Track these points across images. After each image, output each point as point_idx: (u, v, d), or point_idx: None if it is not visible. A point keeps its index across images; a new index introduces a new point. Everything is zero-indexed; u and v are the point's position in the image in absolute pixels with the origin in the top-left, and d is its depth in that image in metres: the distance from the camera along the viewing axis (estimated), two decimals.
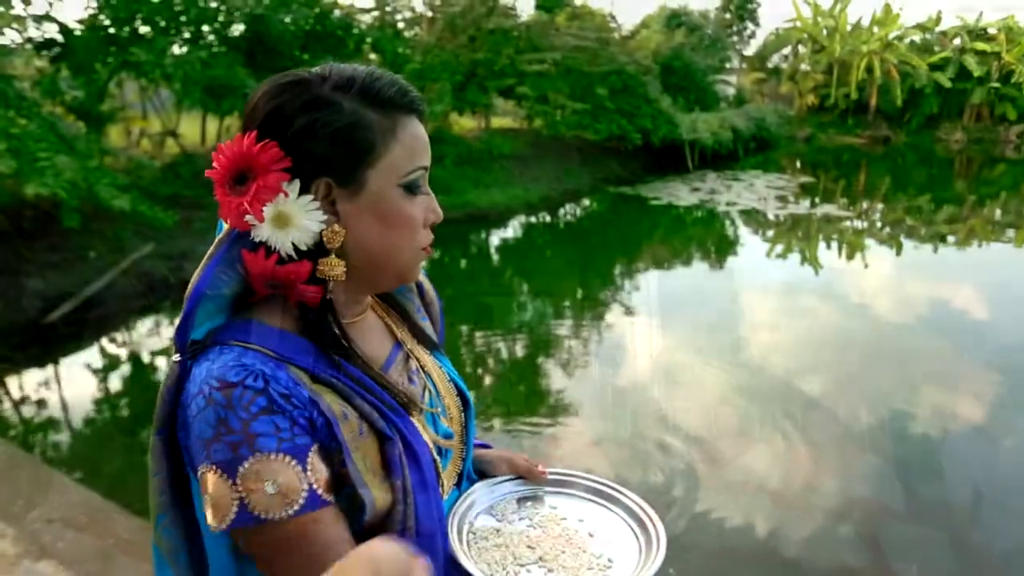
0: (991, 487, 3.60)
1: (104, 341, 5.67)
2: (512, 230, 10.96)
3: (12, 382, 4.81)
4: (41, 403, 4.51)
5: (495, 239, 10.40)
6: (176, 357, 0.70)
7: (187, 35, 8.63)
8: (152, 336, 5.92)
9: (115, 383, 4.97)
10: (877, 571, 2.96)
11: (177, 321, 0.69)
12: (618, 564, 0.81)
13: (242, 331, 0.71)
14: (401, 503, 0.71)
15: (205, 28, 8.76)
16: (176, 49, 8.33)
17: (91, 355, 5.42)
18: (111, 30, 7.93)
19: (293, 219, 0.70)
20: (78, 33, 7.63)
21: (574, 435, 4.12)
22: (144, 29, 8.18)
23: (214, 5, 8.60)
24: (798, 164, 21.62)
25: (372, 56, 12.08)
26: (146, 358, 5.45)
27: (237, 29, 9.02)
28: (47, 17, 7.22)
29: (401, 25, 12.96)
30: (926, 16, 29.60)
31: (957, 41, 28.85)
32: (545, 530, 0.86)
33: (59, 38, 7.49)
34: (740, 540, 3.14)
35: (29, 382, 4.84)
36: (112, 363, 5.33)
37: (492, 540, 0.84)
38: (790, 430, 4.11)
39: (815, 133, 28.22)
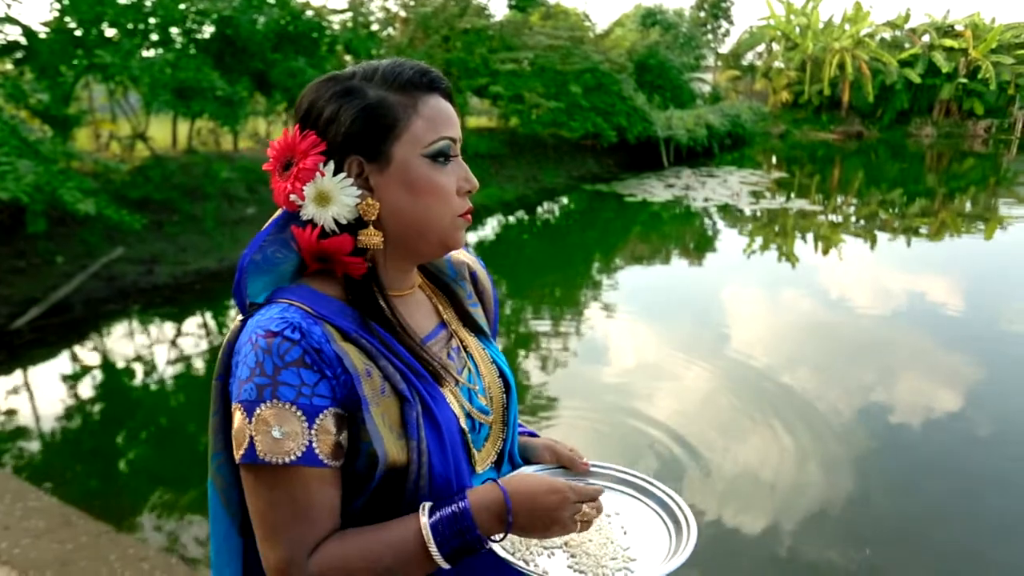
0: (968, 477, 3.64)
1: (71, 346, 5.59)
2: (490, 229, 10.96)
3: None
4: (5, 410, 4.45)
5: (472, 237, 10.39)
6: (239, 317, 0.81)
7: (155, 37, 8.53)
8: (120, 340, 5.85)
9: (81, 388, 4.90)
10: (858, 564, 2.97)
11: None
12: (643, 559, 0.82)
13: (291, 292, 0.80)
14: (415, 463, 0.76)
15: (174, 30, 8.67)
16: (145, 52, 8.24)
17: (57, 361, 5.34)
18: (77, 32, 7.81)
19: (332, 196, 0.78)
20: (43, 35, 7.50)
21: (556, 432, 4.12)
22: (111, 32, 8.07)
23: (183, 7, 8.51)
24: (773, 160, 21.87)
25: (346, 57, 12.03)
26: (114, 363, 5.39)
27: (207, 31, 8.93)
28: (9, 19, 7.10)
29: (376, 26, 12.91)
30: (896, 13, 30.06)
31: (926, 38, 29.36)
32: None
33: (22, 40, 7.36)
34: (723, 534, 3.15)
35: None
36: (78, 368, 5.25)
37: None
38: (774, 424, 4.14)
39: (789, 129, 28.58)
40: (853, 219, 12.33)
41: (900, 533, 3.19)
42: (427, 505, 0.75)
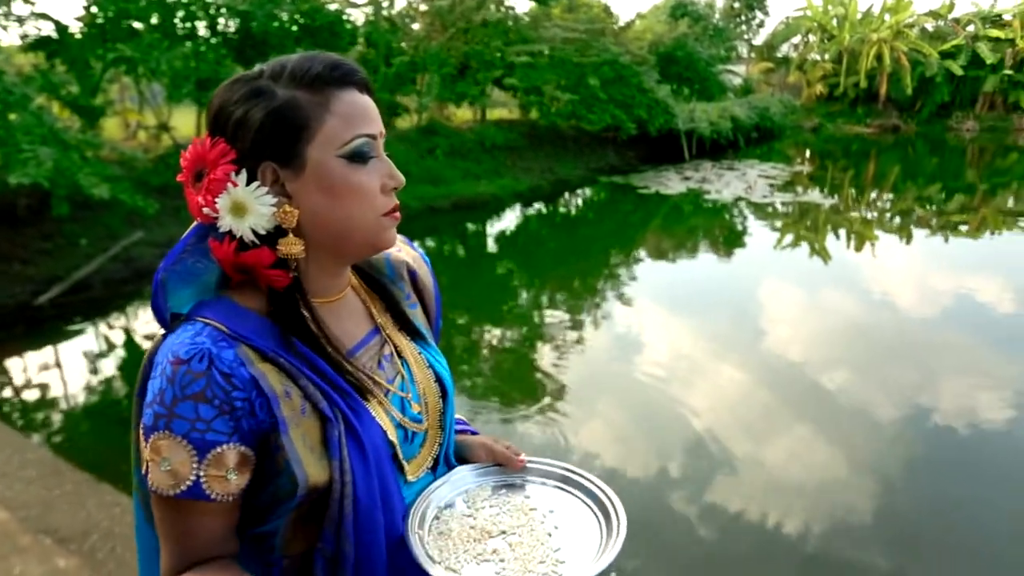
0: (1017, 484, 3.54)
1: (87, 322, 6.01)
2: (510, 219, 11.13)
3: None
4: (20, 377, 4.85)
5: (491, 228, 10.59)
6: (161, 331, 0.79)
7: (179, 32, 8.95)
8: (134, 318, 6.25)
9: (94, 360, 5.29)
10: (898, 570, 2.94)
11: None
12: (571, 559, 0.80)
13: (211, 308, 0.76)
14: (339, 482, 0.75)
15: (197, 23, 9.07)
16: (172, 46, 8.66)
17: (74, 335, 5.76)
18: (105, 27, 8.26)
19: (247, 206, 0.74)
20: (73, 30, 7.97)
21: (579, 428, 4.11)
22: (138, 26, 8.51)
23: (209, 0, 8.92)
24: (807, 154, 21.52)
25: (365, 49, 12.33)
26: (126, 338, 5.78)
27: (230, 25, 9.32)
28: (42, 15, 7.55)
29: (396, 19, 13.19)
30: (939, 3, 29.13)
31: (971, 28, 28.41)
32: (511, 518, 0.86)
33: (54, 35, 7.82)
34: (756, 535, 3.15)
35: (13, 359, 5.17)
36: (93, 342, 5.66)
37: (455, 524, 0.84)
38: (807, 423, 4.09)
39: (823, 123, 28.02)
40: (866, 212, 12.17)
41: (933, 540, 3.13)
42: None
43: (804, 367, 5.07)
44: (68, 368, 5.07)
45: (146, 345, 4.34)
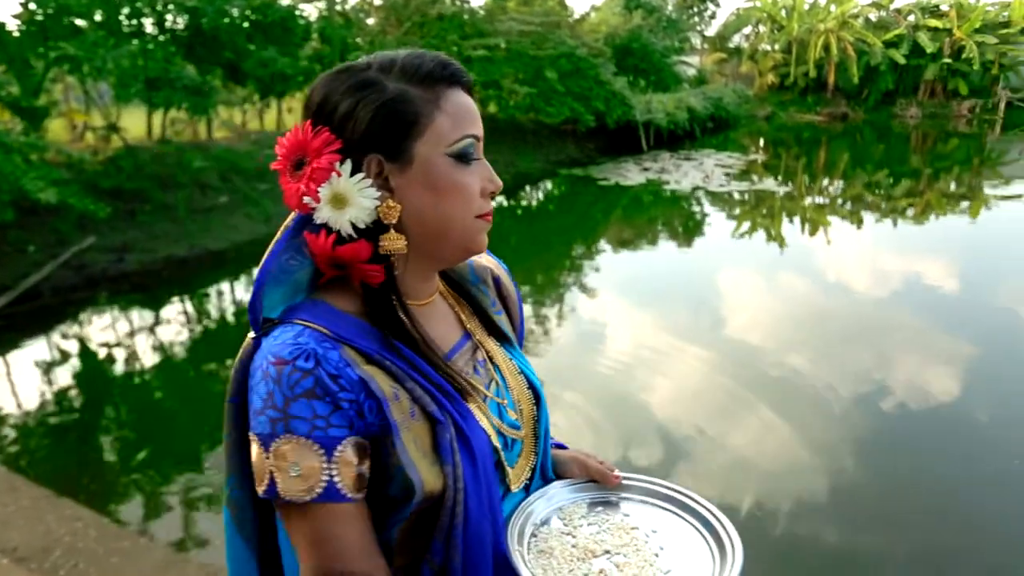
0: (967, 459, 3.69)
1: (37, 332, 5.79)
2: None
3: None
4: None
5: None
6: (251, 334, 0.76)
7: (125, 29, 8.65)
8: (85, 327, 6.05)
9: (43, 371, 5.11)
10: (855, 546, 3.03)
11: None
12: None
13: (306, 311, 0.74)
14: (451, 488, 0.72)
15: (144, 20, 8.79)
16: (118, 43, 8.37)
17: (24, 346, 5.55)
18: (46, 24, 7.93)
19: (349, 198, 0.72)
20: (11, 28, 7.64)
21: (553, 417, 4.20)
22: (80, 23, 8.20)
23: None
24: (761, 143, 21.95)
25: (320, 46, 12.13)
26: (76, 348, 5.59)
27: (179, 21, 9.05)
28: None
29: (350, 14, 13.00)
30: None
31: (911, 18, 29.34)
32: (612, 537, 0.82)
33: None
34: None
35: None
36: (44, 353, 5.46)
37: (555, 542, 0.81)
38: (768, 408, 4.18)
39: (775, 112, 28.62)
40: (819, 198, 12.50)
41: (891, 517, 3.24)
42: None
43: (764, 352, 5.20)
44: (19, 380, 4.89)
45: (101, 353, 4.24)
